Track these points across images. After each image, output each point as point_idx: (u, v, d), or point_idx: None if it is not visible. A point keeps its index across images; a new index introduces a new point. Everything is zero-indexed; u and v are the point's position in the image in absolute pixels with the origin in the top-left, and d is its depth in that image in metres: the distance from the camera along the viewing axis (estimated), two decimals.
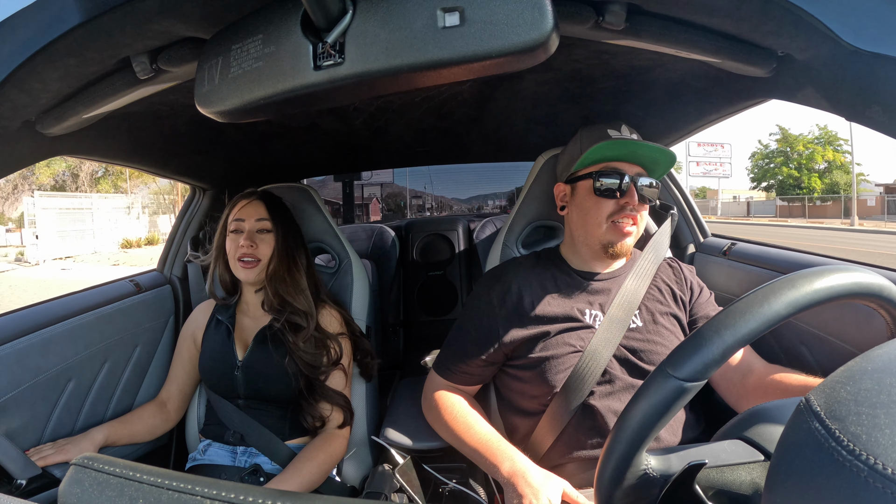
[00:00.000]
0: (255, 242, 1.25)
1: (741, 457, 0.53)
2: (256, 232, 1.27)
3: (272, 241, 1.28)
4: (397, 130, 1.65)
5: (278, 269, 1.27)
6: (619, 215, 1.04)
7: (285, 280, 1.26)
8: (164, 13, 0.64)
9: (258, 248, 1.25)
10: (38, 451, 1.07)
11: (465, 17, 0.55)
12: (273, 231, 1.28)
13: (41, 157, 0.96)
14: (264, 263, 1.26)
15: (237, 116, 0.68)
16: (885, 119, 0.61)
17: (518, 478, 0.88)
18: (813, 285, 0.48)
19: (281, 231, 1.29)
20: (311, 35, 0.60)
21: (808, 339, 1.06)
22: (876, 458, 0.28)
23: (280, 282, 1.26)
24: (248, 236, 1.25)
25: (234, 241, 1.26)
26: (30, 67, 0.68)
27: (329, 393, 1.24)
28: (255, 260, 1.25)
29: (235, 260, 1.25)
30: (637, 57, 0.99)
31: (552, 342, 1.03)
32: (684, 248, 1.60)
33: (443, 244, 2.49)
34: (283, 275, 1.27)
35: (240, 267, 1.25)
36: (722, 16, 0.68)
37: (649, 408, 0.49)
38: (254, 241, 1.25)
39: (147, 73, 0.76)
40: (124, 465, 0.45)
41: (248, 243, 1.24)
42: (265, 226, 1.28)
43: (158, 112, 1.11)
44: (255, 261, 1.25)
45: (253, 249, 1.24)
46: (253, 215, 1.28)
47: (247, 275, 1.25)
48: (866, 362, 0.35)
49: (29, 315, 1.15)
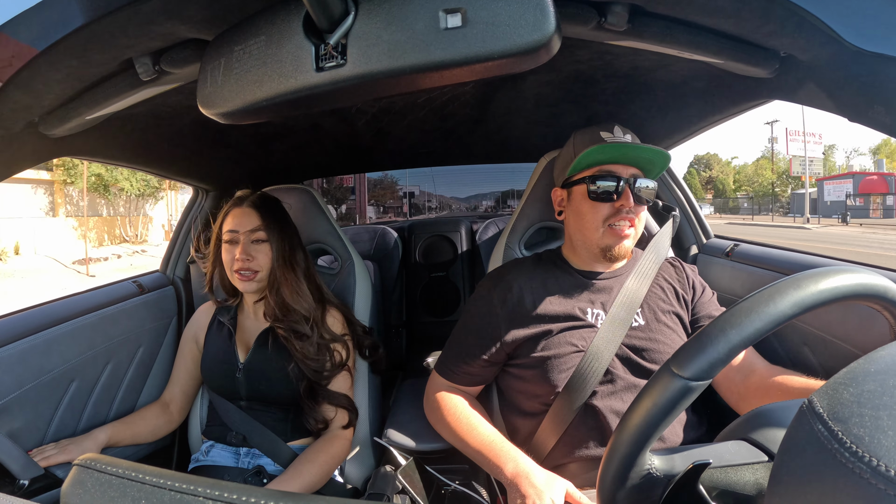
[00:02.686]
0: (251, 255, 1.22)
1: (745, 457, 0.53)
2: (251, 243, 1.23)
3: (269, 250, 1.24)
4: (399, 132, 1.65)
5: (278, 276, 1.24)
6: (615, 218, 1.04)
7: (287, 287, 1.24)
8: (166, 15, 0.64)
9: (254, 261, 1.22)
10: (40, 452, 1.07)
11: (467, 19, 0.55)
12: (269, 240, 1.24)
13: (44, 159, 0.96)
14: (263, 274, 1.24)
15: (239, 118, 0.68)
16: (887, 119, 0.61)
17: (522, 479, 0.88)
18: (818, 286, 0.48)
19: (277, 238, 1.25)
20: (313, 36, 0.61)
21: (811, 341, 1.06)
22: (878, 459, 0.28)
23: (281, 289, 1.23)
24: (243, 249, 1.21)
25: (230, 252, 1.23)
26: (33, 69, 0.68)
27: (332, 395, 1.23)
28: (253, 272, 1.22)
29: (232, 272, 1.23)
30: (639, 58, 0.99)
31: (554, 341, 1.03)
32: (687, 250, 1.60)
33: (445, 245, 2.49)
34: (283, 282, 1.24)
35: (238, 279, 1.22)
36: (724, 16, 0.68)
37: (654, 407, 0.49)
38: (249, 254, 1.21)
39: (150, 75, 0.76)
40: (127, 465, 0.45)
41: (245, 257, 1.21)
42: (260, 236, 1.23)
43: (161, 113, 1.12)
44: (252, 273, 1.22)
45: (249, 262, 1.21)
46: (246, 226, 1.23)
47: (245, 287, 1.23)
48: (869, 364, 0.35)
49: (32, 316, 1.16)
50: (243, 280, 1.22)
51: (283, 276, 1.24)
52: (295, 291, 1.24)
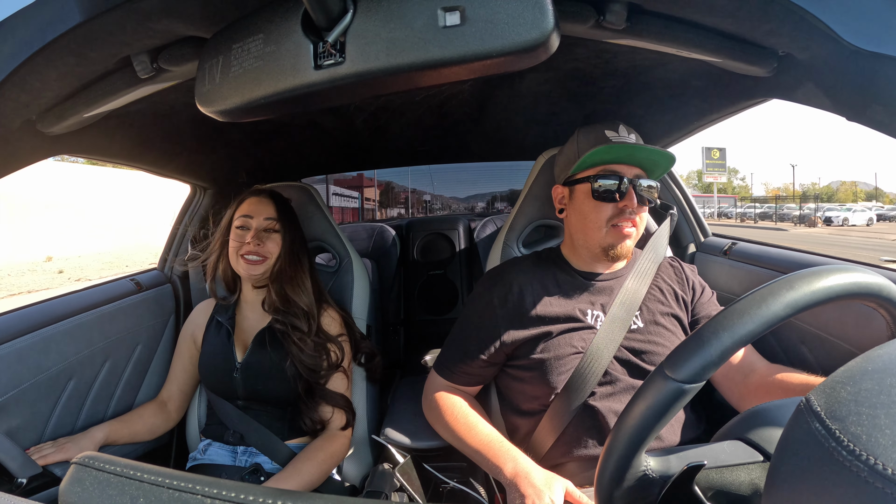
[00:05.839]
0: (262, 241, 1.26)
1: (740, 457, 0.53)
2: (263, 230, 1.27)
3: (279, 240, 1.28)
4: (398, 129, 1.65)
5: (284, 268, 1.27)
6: (618, 218, 1.03)
7: (291, 279, 1.27)
8: (164, 12, 0.64)
9: (264, 246, 1.25)
10: (38, 450, 1.07)
11: (466, 17, 0.55)
12: (281, 231, 1.29)
13: (42, 157, 0.96)
14: (270, 262, 1.26)
15: (238, 115, 0.68)
16: (885, 119, 0.61)
17: (521, 479, 0.88)
18: (812, 286, 0.48)
19: (289, 232, 1.30)
20: (311, 34, 0.60)
21: (808, 339, 1.06)
22: (876, 458, 0.28)
23: (285, 281, 1.26)
24: (255, 234, 1.25)
25: (240, 237, 1.26)
26: (30, 67, 0.68)
27: (329, 395, 1.24)
28: (262, 258, 1.25)
29: (238, 256, 1.25)
30: (638, 56, 0.99)
31: (554, 343, 1.03)
32: (685, 248, 1.60)
33: (443, 243, 2.49)
34: (288, 274, 1.27)
35: (243, 263, 1.24)
36: (723, 15, 0.68)
37: (648, 409, 0.49)
38: (260, 240, 1.25)
39: (148, 73, 0.76)
40: (125, 463, 0.45)
41: (255, 241, 1.24)
42: (273, 225, 1.28)
43: (159, 111, 1.11)
44: (260, 258, 1.25)
45: (259, 247, 1.24)
46: (262, 213, 1.28)
47: (249, 271, 1.25)
48: (867, 362, 0.35)
49: (29, 314, 1.16)
50: (249, 264, 1.24)
51: (288, 267, 1.28)
52: (297, 284, 1.28)
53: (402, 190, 5.08)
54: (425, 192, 4.86)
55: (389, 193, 5.11)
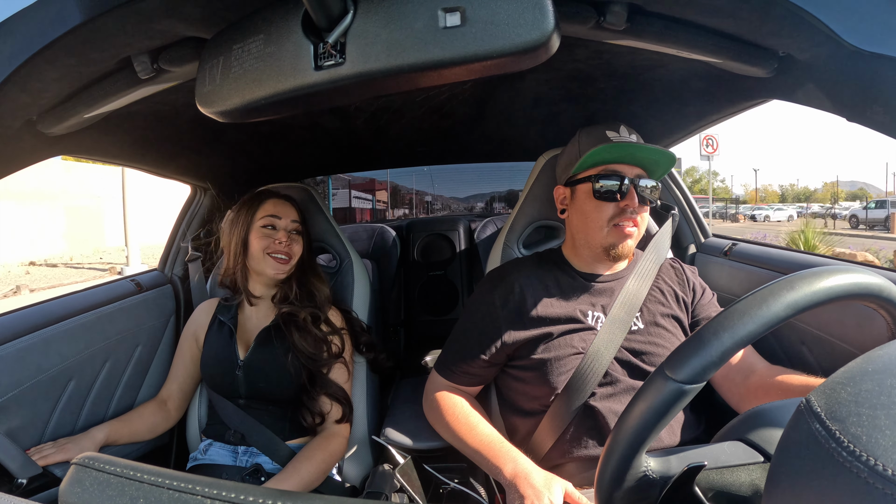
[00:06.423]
0: (290, 241, 1.31)
1: (741, 458, 0.53)
2: (290, 232, 1.32)
3: (301, 242, 1.34)
4: (398, 130, 1.65)
5: (305, 267, 1.36)
6: (619, 218, 1.03)
7: (314, 274, 1.36)
8: (165, 13, 0.64)
9: (292, 247, 1.31)
10: (38, 451, 1.07)
11: (466, 18, 0.55)
12: (303, 233, 1.36)
13: (42, 157, 0.96)
14: (294, 262, 1.32)
15: (238, 116, 0.68)
16: (886, 119, 0.61)
17: (521, 479, 0.88)
18: (812, 287, 0.48)
19: (307, 233, 1.38)
20: (311, 35, 0.60)
21: (808, 340, 1.06)
22: (876, 459, 0.28)
23: (308, 277, 1.35)
24: (286, 234, 1.30)
25: (269, 236, 1.29)
26: (31, 67, 0.68)
27: (330, 385, 1.25)
28: (289, 257, 1.30)
29: (265, 255, 1.28)
30: (638, 57, 0.99)
31: (554, 343, 1.03)
32: (685, 249, 1.60)
33: (444, 244, 2.49)
34: (311, 270, 1.37)
35: (272, 261, 1.28)
36: (723, 16, 0.68)
37: (648, 410, 0.49)
38: (289, 240, 1.30)
39: (148, 73, 0.76)
40: (125, 464, 0.45)
41: (287, 241, 1.29)
42: (298, 227, 1.35)
43: (159, 112, 1.11)
44: (288, 258, 1.30)
45: (288, 248, 1.29)
46: (289, 215, 1.33)
47: (278, 269, 1.29)
48: (867, 363, 0.35)
49: (30, 314, 1.16)
50: (279, 263, 1.29)
51: (311, 265, 1.38)
52: (320, 279, 1.37)
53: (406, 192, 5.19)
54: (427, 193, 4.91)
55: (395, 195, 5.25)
